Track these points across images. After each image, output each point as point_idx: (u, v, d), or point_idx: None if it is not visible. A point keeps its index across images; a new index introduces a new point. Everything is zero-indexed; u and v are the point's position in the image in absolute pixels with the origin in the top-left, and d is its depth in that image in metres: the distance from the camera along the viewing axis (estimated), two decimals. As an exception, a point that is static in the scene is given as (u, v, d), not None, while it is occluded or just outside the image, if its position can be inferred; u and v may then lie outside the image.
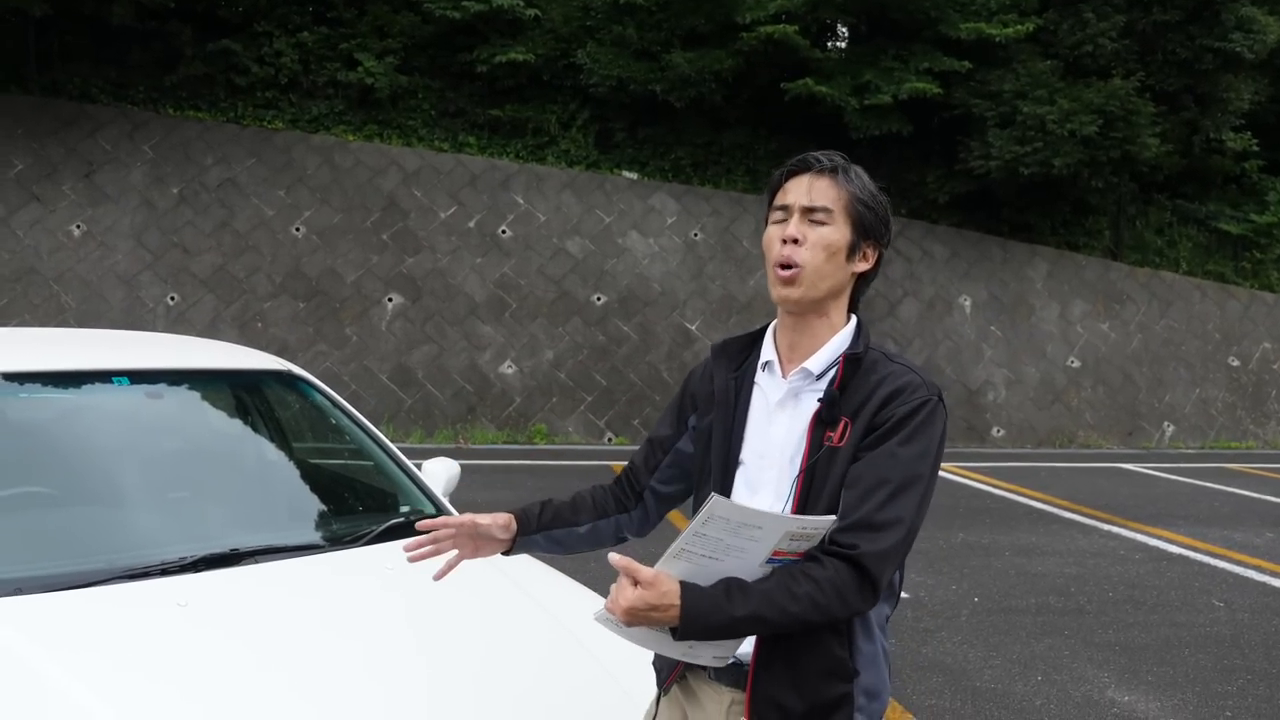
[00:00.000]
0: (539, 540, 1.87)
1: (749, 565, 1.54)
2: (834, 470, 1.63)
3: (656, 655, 1.81)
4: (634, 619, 1.53)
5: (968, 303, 13.94)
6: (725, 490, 1.72)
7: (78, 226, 12.22)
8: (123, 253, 12.19)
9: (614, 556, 1.53)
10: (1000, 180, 13.49)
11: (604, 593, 1.66)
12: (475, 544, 1.84)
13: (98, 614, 2.22)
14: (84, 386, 3.01)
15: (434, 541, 1.81)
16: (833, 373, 1.68)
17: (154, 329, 11.77)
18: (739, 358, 1.79)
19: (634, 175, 14.10)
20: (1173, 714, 4.20)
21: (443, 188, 13.27)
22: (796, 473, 1.66)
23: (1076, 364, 13.79)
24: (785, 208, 1.70)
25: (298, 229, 12.67)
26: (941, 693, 4.33)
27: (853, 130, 13.38)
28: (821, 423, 1.66)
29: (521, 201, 13.37)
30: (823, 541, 1.57)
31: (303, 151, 13.18)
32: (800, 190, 1.69)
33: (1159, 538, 7.49)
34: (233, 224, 12.55)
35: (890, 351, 1.74)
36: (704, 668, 1.71)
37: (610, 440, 12.08)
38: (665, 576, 1.53)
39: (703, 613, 1.52)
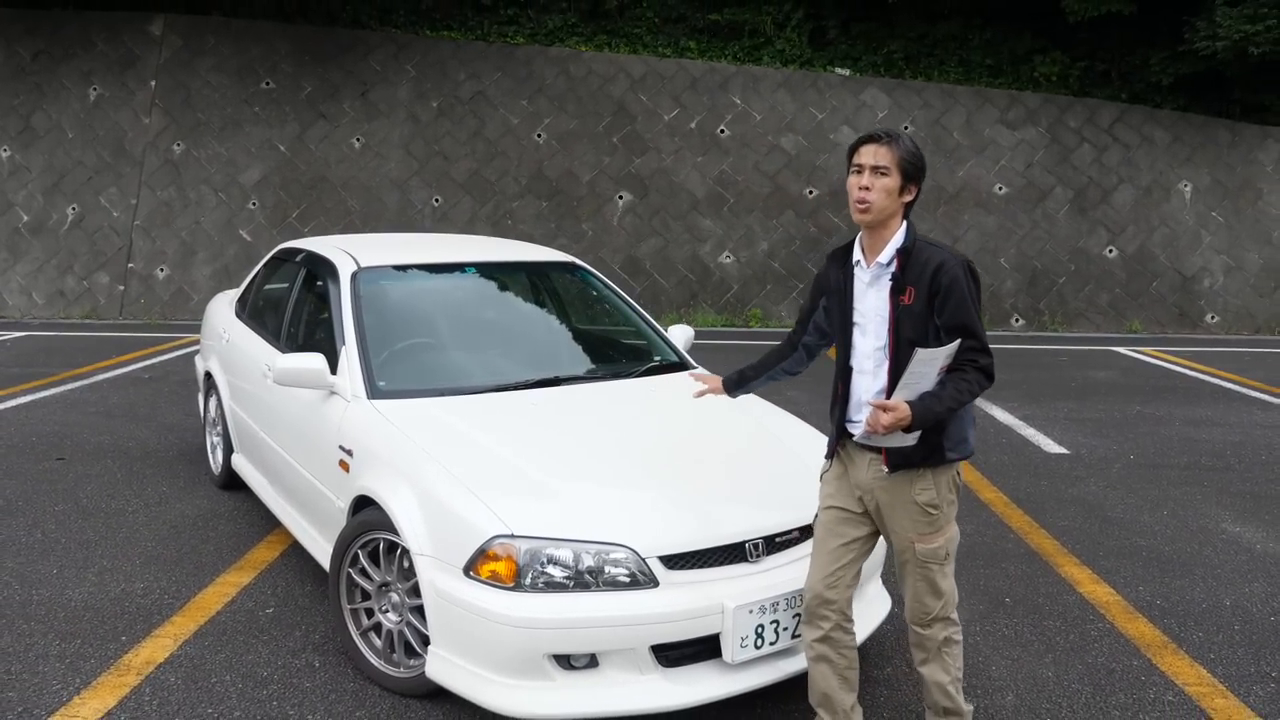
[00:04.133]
0: (739, 391, 3.41)
1: (932, 381, 2.70)
2: (909, 319, 2.75)
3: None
4: (890, 430, 2.68)
5: (1188, 188, 13.83)
6: (848, 338, 2.89)
7: (357, 139, 14.30)
8: (394, 161, 14.20)
9: (873, 401, 2.72)
10: (1228, 61, 13.14)
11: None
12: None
13: (485, 406, 3.75)
14: (445, 274, 4.52)
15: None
16: (895, 261, 2.79)
17: (422, 227, 13.80)
18: (843, 258, 2.94)
19: (846, 72, 14.72)
20: (1276, 541, 5.01)
21: (666, 92, 14.44)
22: (888, 324, 2.79)
23: (1304, 249, 13.46)
24: (860, 165, 2.80)
25: (539, 135, 14.26)
26: (1074, 517, 5.33)
27: (1070, 14, 13.36)
28: (895, 291, 2.78)
29: (739, 102, 14.35)
30: (956, 359, 2.72)
31: (541, 64, 14.67)
32: (869, 154, 2.78)
33: (1343, 416, 7.86)
34: (483, 133, 14.29)
35: (930, 240, 2.82)
36: (852, 440, 2.90)
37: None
38: (901, 402, 2.68)
39: (923, 415, 2.67)
